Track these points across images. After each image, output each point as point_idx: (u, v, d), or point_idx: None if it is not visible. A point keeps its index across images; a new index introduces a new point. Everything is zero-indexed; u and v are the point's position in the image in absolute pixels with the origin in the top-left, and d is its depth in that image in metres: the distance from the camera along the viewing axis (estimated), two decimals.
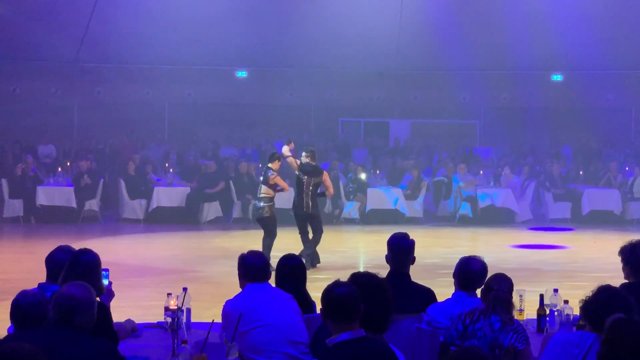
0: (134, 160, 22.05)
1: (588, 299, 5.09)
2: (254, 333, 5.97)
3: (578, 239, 19.27)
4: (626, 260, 6.79)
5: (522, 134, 27.53)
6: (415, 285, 7.13)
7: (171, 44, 24.79)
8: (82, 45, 25.18)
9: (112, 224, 20.85)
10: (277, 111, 27.09)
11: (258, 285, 6.23)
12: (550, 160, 23.95)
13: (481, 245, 18.87)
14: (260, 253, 6.46)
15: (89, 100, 26.90)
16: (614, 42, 24.57)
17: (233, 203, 21.32)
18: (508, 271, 6.35)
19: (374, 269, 5.64)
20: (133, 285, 12.67)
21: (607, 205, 21.87)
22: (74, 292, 4.81)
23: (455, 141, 27.10)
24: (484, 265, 6.49)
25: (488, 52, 25.36)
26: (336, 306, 4.76)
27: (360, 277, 5.16)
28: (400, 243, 7.17)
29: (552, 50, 25.25)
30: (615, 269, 7.03)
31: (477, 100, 27.54)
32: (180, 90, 27.22)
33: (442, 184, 22.79)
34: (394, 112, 28.49)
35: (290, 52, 25.44)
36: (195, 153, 24.60)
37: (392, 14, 24.47)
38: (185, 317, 6.45)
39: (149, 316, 8.31)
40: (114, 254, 15.57)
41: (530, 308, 7.03)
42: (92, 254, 6.02)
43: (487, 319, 5.61)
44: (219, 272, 14.07)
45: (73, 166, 22.42)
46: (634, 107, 27.95)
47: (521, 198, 22.07)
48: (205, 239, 18.90)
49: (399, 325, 6.38)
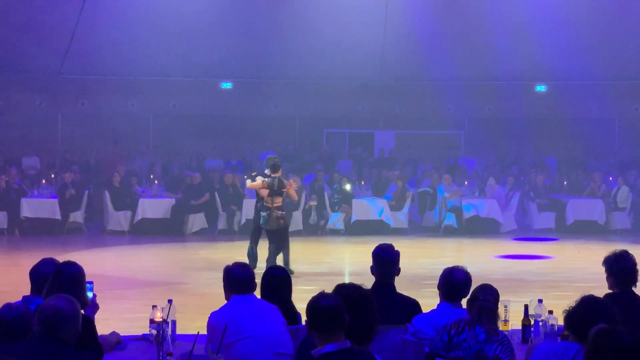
0: (119, 171, 21.99)
1: (572, 309, 5.10)
2: (239, 345, 5.97)
3: (562, 249, 19.32)
4: (610, 270, 6.82)
5: (507, 144, 27.62)
6: (401, 296, 7.13)
7: (156, 55, 24.79)
8: (67, 57, 25.14)
9: (96, 236, 20.78)
10: (262, 122, 27.12)
11: (243, 297, 6.23)
12: (534, 171, 24.03)
13: (466, 255, 18.88)
14: (246, 265, 6.45)
15: (73, 112, 26.86)
16: (597, 53, 24.69)
17: (218, 214, 21.29)
18: (493, 281, 6.36)
19: (359, 280, 5.64)
20: (118, 298, 12.63)
21: (591, 215, 21.94)
22: (59, 304, 4.79)
23: (440, 152, 27.17)
24: (467, 275, 6.51)
25: (472, 63, 25.45)
26: (321, 317, 4.76)
27: (345, 288, 5.17)
28: (385, 254, 7.18)
29: (535, 61, 25.37)
30: (600, 279, 7.06)
31: (461, 111, 27.63)
32: (165, 101, 27.21)
33: (427, 194, 22.82)
34: (379, 123, 28.55)
35: (275, 63, 25.46)
36: (180, 164, 24.57)
37: (376, 25, 24.54)
38: (170, 329, 6.45)
39: (134, 328, 8.29)
40: (99, 266, 15.52)
41: (515, 318, 7.04)
42: (76, 267, 6.01)
43: (472, 330, 5.63)
44: (204, 283, 14.05)
45: (57, 178, 22.34)
46: (617, 118, 28.08)
47: (506, 208, 22.11)
48: (191, 250, 18.86)
49: (385, 336, 6.38)
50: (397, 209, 21.75)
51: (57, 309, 4.77)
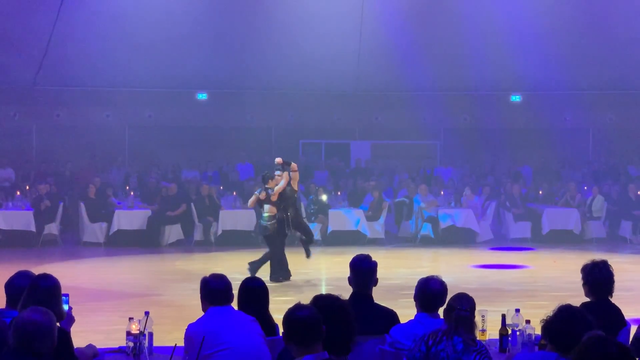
0: (94, 183, 21.90)
1: (549, 318, 5.11)
2: (216, 357, 5.95)
3: (538, 259, 19.39)
4: (585, 279, 6.87)
5: (482, 154, 27.72)
6: (378, 306, 7.13)
7: (131, 66, 24.73)
8: (41, 68, 25.03)
9: (72, 248, 20.67)
10: (238, 133, 27.09)
11: (220, 309, 6.21)
12: (510, 181, 24.14)
13: (443, 265, 18.91)
14: (223, 276, 6.42)
15: (48, 124, 26.72)
16: (572, 63, 24.84)
17: (194, 225, 21.24)
18: (470, 291, 6.36)
19: (337, 291, 5.63)
20: (94, 310, 12.56)
21: (566, 224, 22.05)
22: (34, 317, 4.76)
23: (416, 162, 27.21)
24: (443, 284, 6.52)
25: (447, 73, 25.53)
26: (298, 329, 4.75)
27: (322, 299, 5.16)
28: (362, 265, 7.18)
29: (510, 72, 25.49)
30: (576, 287, 7.09)
31: (437, 121, 27.71)
32: (141, 112, 27.13)
33: (403, 204, 22.86)
34: (355, 134, 28.58)
35: (251, 74, 25.45)
36: (156, 176, 24.49)
37: (351, 36, 24.59)
38: (147, 341, 6.42)
39: (111, 341, 8.24)
40: (75, 278, 15.44)
41: (492, 328, 7.05)
42: (51, 279, 5.98)
43: (449, 340, 5.63)
44: (181, 295, 14.00)
45: (32, 190, 22.21)
46: (591, 128, 28.25)
47: (482, 218, 22.18)
48: (167, 261, 18.80)
49: (362, 347, 6.38)
50: (373, 219, 21.77)
51: (32, 322, 4.74)
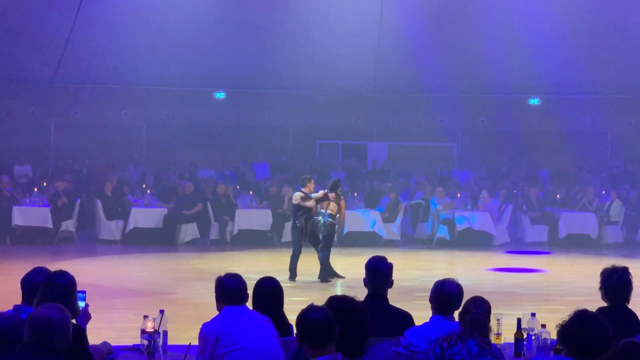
0: (111, 181, 21.96)
1: (565, 323, 5.08)
2: (230, 356, 5.94)
3: (555, 263, 19.32)
4: (602, 283, 6.82)
5: (500, 157, 27.63)
6: (393, 308, 7.10)
7: (149, 65, 24.78)
8: (60, 65, 25.13)
9: (88, 245, 20.73)
10: (255, 133, 27.10)
11: (235, 308, 6.19)
12: (527, 184, 24.06)
13: (458, 268, 18.88)
14: (238, 276, 6.40)
15: (66, 121, 26.81)
16: (591, 67, 24.75)
17: (210, 224, 21.26)
18: (485, 294, 6.34)
19: (352, 292, 5.62)
20: (109, 307, 12.57)
21: (583, 229, 21.96)
22: (49, 314, 4.77)
23: (433, 164, 27.17)
24: (459, 287, 6.49)
25: (466, 75, 25.49)
26: (311, 330, 4.74)
27: (337, 300, 5.14)
28: (378, 266, 7.16)
29: (529, 75, 25.43)
30: (592, 292, 7.05)
31: (454, 124, 27.65)
32: (158, 111, 27.17)
33: (419, 206, 22.82)
34: (372, 135, 28.55)
35: (269, 74, 25.48)
36: (173, 174, 24.54)
37: (370, 37, 24.58)
38: (161, 339, 6.41)
39: (125, 338, 8.26)
40: (91, 275, 15.47)
41: (507, 332, 7.02)
42: (67, 276, 5.99)
43: (464, 343, 5.60)
44: (196, 294, 14.01)
45: (49, 186, 22.30)
46: (609, 131, 28.13)
47: (498, 221, 22.12)
48: (183, 260, 18.82)
49: (376, 349, 6.36)
50: (389, 220, 21.74)
51: (47, 318, 4.75)
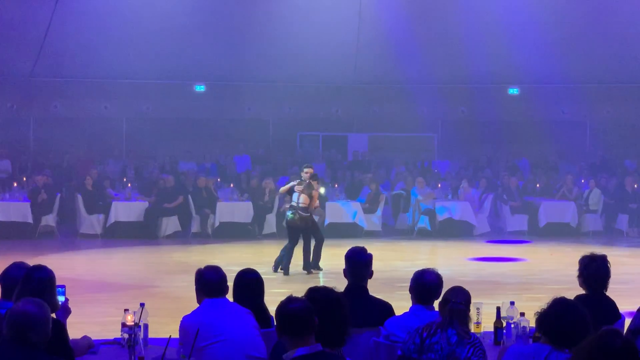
0: (92, 175, 21.86)
1: (543, 311, 5.11)
2: (211, 348, 5.95)
3: (535, 252, 19.40)
4: (581, 271, 6.88)
5: (480, 147, 27.70)
6: (373, 299, 7.13)
7: (129, 58, 24.69)
8: (38, 59, 24.99)
9: (69, 240, 20.65)
10: (235, 125, 27.07)
11: (215, 301, 6.21)
12: (507, 173, 24.13)
13: (440, 258, 18.94)
14: (217, 268, 6.41)
15: (45, 115, 26.70)
16: (569, 56, 24.82)
17: (191, 217, 21.24)
18: (466, 284, 6.38)
19: (333, 283, 5.64)
20: (90, 301, 12.56)
21: (563, 217, 22.07)
22: (28, 309, 4.76)
23: (413, 154, 27.21)
24: (438, 276, 6.52)
25: (445, 66, 25.51)
26: (290, 321, 4.77)
27: (316, 291, 5.17)
28: (357, 257, 7.18)
29: (508, 64, 25.47)
30: (572, 280, 7.10)
31: (434, 114, 27.68)
32: (138, 104, 27.09)
33: (400, 197, 22.87)
34: (352, 126, 28.56)
35: (249, 66, 25.43)
36: (154, 167, 24.48)
37: (349, 28, 24.56)
38: (142, 333, 6.42)
39: (107, 332, 8.24)
40: (71, 269, 15.46)
41: (487, 320, 7.07)
42: (45, 271, 5.99)
43: (444, 332, 5.64)
44: (178, 287, 14.00)
45: (29, 181, 22.21)
46: (588, 120, 28.25)
47: (479, 211, 22.19)
48: (164, 253, 18.79)
49: (357, 339, 6.39)
50: (370, 211, 21.78)
51: (26, 313, 4.74)
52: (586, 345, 3.72)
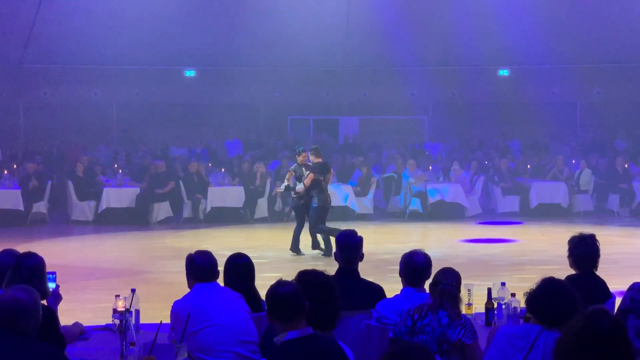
0: (82, 161, 21.82)
1: (532, 291, 5.13)
2: (203, 333, 5.96)
3: (527, 232, 19.45)
4: (570, 251, 6.92)
5: (471, 129, 27.72)
6: (364, 281, 7.15)
7: (118, 44, 24.62)
8: (27, 46, 24.92)
9: (61, 226, 20.63)
10: (226, 110, 27.03)
11: (206, 285, 6.22)
12: (498, 155, 24.15)
13: (431, 240, 18.97)
14: (208, 253, 6.42)
15: (35, 102, 26.64)
16: (559, 37, 24.83)
17: (183, 203, 21.22)
18: (458, 265, 6.39)
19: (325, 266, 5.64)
20: (82, 288, 12.57)
21: (554, 198, 22.09)
22: (17, 296, 4.75)
23: (404, 137, 27.22)
24: (427, 258, 6.53)
25: (435, 48, 25.50)
26: (280, 305, 4.78)
27: (306, 275, 5.17)
28: (348, 240, 7.19)
29: (498, 46, 25.47)
30: (564, 261, 7.12)
31: (425, 96, 27.68)
32: (128, 90, 27.04)
33: (391, 180, 22.87)
34: (343, 110, 28.55)
35: (239, 51, 25.37)
36: (145, 153, 24.45)
37: (339, 11, 24.53)
38: (134, 318, 6.42)
39: (99, 318, 8.24)
40: (63, 256, 15.45)
41: (479, 302, 7.08)
42: (36, 258, 5.98)
43: (435, 314, 5.65)
44: (170, 272, 13.99)
45: (20, 169, 22.14)
46: (579, 101, 28.28)
47: (470, 193, 22.21)
48: (156, 239, 18.78)
49: (348, 322, 6.40)
50: (362, 194, 21.78)
51: (15, 300, 4.73)
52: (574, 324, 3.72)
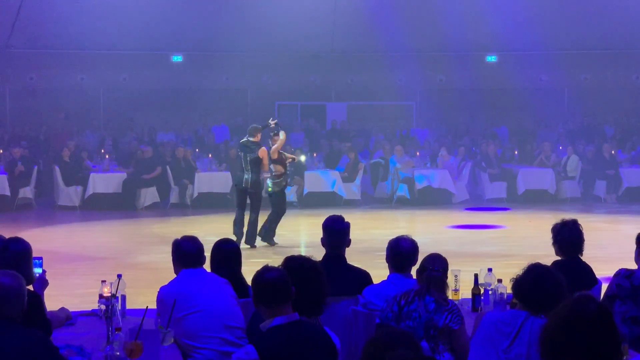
0: (69, 146, 21.76)
1: (519, 277, 5.14)
2: (189, 319, 5.96)
3: (514, 219, 19.49)
4: (554, 238, 6.96)
5: (458, 115, 27.74)
6: (351, 267, 7.15)
7: (105, 28, 24.52)
8: (13, 30, 24.78)
9: (47, 212, 20.60)
10: (213, 95, 26.96)
11: (192, 271, 6.21)
12: (485, 141, 24.17)
13: (419, 226, 18.98)
14: (194, 238, 6.41)
15: (21, 87, 26.53)
16: (547, 23, 24.84)
17: (170, 188, 21.18)
18: (445, 252, 6.39)
19: (312, 252, 5.64)
20: (69, 273, 12.55)
21: (541, 184, 22.14)
22: (3, 281, 4.72)
23: (392, 123, 27.22)
24: (413, 243, 6.54)
25: (423, 33, 25.47)
26: (267, 291, 4.77)
27: (292, 260, 5.17)
28: (334, 225, 7.19)
29: (485, 32, 25.46)
30: (550, 247, 7.14)
31: (413, 82, 27.65)
32: (115, 75, 26.94)
33: (379, 166, 22.88)
34: (331, 95, 28.52)
35: (226, 35, 25.30)
36: (132, 139, 24.38)
37: None
38: (120, 304, 6.42)
39: (85, 304, 8.21)
40: (50, 241, 15.42)
41: (465, 288, 7.10)
42: (22, 243, 5.96)
43: (421, 300, 5.66)
44: (157, 258, 13.96)
45: (6, 154, 22.06)
46: (566, 87, 28.31)
47: (458, 179, 22.24)
48: (143, 225, 18.77)
49: (335, 308, 6.40)
50: (349, 180, 21.79)
51: (1, 285, 4.71)
52: (560, 310, 3.73)
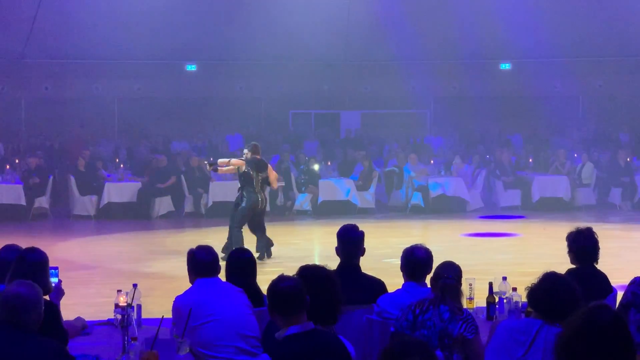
0: (84, 156, 21.82)
1: (534, 286, 5.13)
2: (204, 328, 5.97)
3: (528, 227, 19.43)
4: (570, 246, 6.94)
5: (472, 122, 27.69)
6: (366, 276, 7.15)
7: (119, 38, 24.61)
8: (29, 41, 24.91)
9: (62, 221, 20.65)
10: (227, 104, 27.02)
11: (208, 280, 6.23)
12: (500, 149, 24.12)
13: (433, 234, 18.96)
14: (209, 248, 6.43)
15: (36, 97, 26.65)
16: (561, 30, 24.80)
17: (185, 197, 21.22)
18: (459, 260, 6.39)
19: (327, 261, 5.65)
20: (85, 283, 12.58)
21: (556, 192, 22.08)
22: (20, 291, 4.77)
23: (406, 131, 27.20)
24: (428, 252, 6.54)
25: (437, 41, 25.47)
26: (282, 300, 4.79)
27: (307, 269, 5.19)
28: (349, 234, 7.19)
29: (500, 39, 25.44)
30: (565, 255, 7.13)
31: (426, 90, 27.65)
32: (130, 85, 27.04)
33: (393, 174, 22.86)
34: (345, 104, 28.53)
35: (240, 44, 25.35)
36: (146, 148, 24.45)
37: (340, 5, 24.51)
38: (135, 313, 6.44)
39: (101, 313, 8.24)
40: (65, 251, 15.46)
41: (480, 296, 7.09)
42: (38, 253, 5.99)
43: (436, 308, 5.66)
44: (171, 267, 14.00)
45: (22, 163, 22.14)
46: (580, 95, 28.25)
47: (472, 187, 22.20)
48: (157, 234, 18.80)
49: (350, 317, 6.41)
50: (363, 189, 21.78)
51: (18, 295, 4.75)
52: (575, 319, 3.72)
